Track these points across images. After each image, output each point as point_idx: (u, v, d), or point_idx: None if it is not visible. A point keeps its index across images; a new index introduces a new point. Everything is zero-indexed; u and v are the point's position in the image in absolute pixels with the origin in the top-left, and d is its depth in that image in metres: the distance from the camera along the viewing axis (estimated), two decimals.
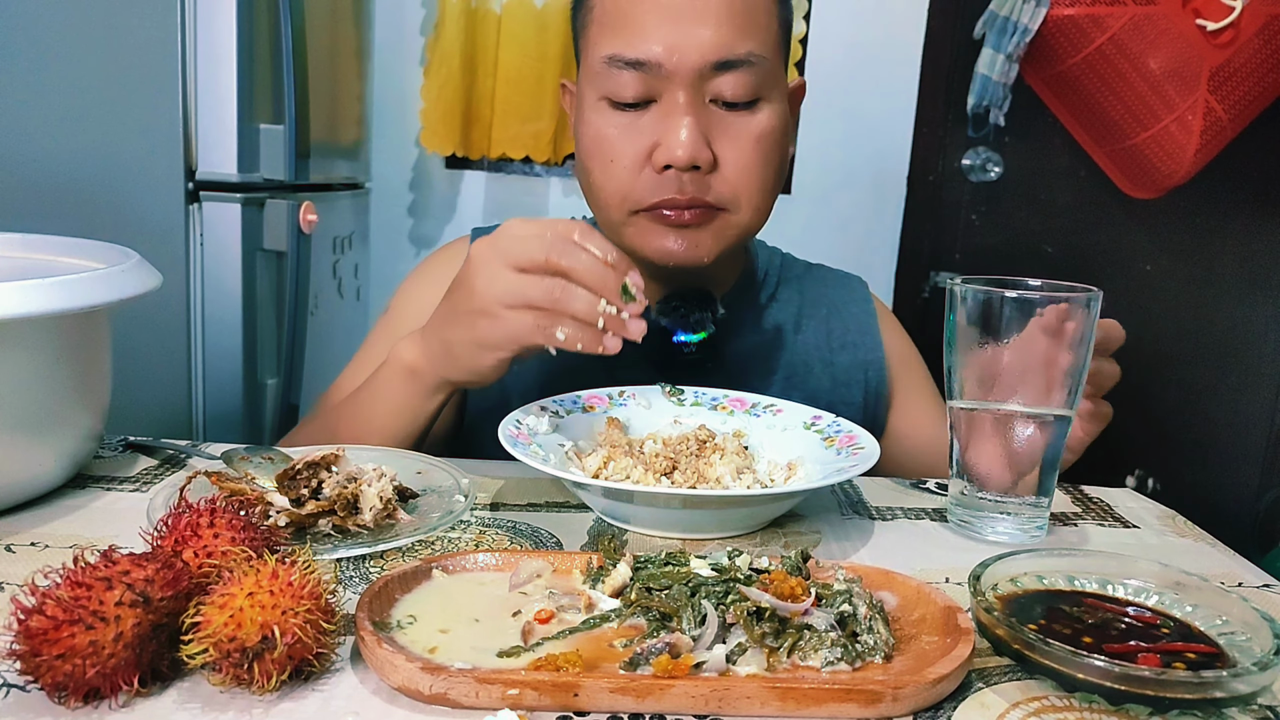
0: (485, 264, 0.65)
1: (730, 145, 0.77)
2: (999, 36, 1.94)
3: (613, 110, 0.78)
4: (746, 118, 0.78)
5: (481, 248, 0.65)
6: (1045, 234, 2.29)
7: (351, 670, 0.43)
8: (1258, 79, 1.91)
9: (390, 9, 2.24)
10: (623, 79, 0.76)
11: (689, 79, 0.75)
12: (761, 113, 0.78)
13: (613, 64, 0.76)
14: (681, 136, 0.74)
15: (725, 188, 0.78)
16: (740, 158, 0.77)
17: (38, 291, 0.54)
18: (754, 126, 0.78)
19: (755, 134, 0.78)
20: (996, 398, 0.62)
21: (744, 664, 0.43)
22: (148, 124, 1.39)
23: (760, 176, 0.79)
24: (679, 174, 0.76)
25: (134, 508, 0.60)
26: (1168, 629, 0.47)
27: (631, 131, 0.77)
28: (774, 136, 0.79)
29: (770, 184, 0.80)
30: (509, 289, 0.63)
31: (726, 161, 0.77)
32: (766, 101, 0.78)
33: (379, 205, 2.21)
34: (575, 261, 0.62)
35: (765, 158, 0.79)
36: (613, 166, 0.78)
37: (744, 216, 0.80)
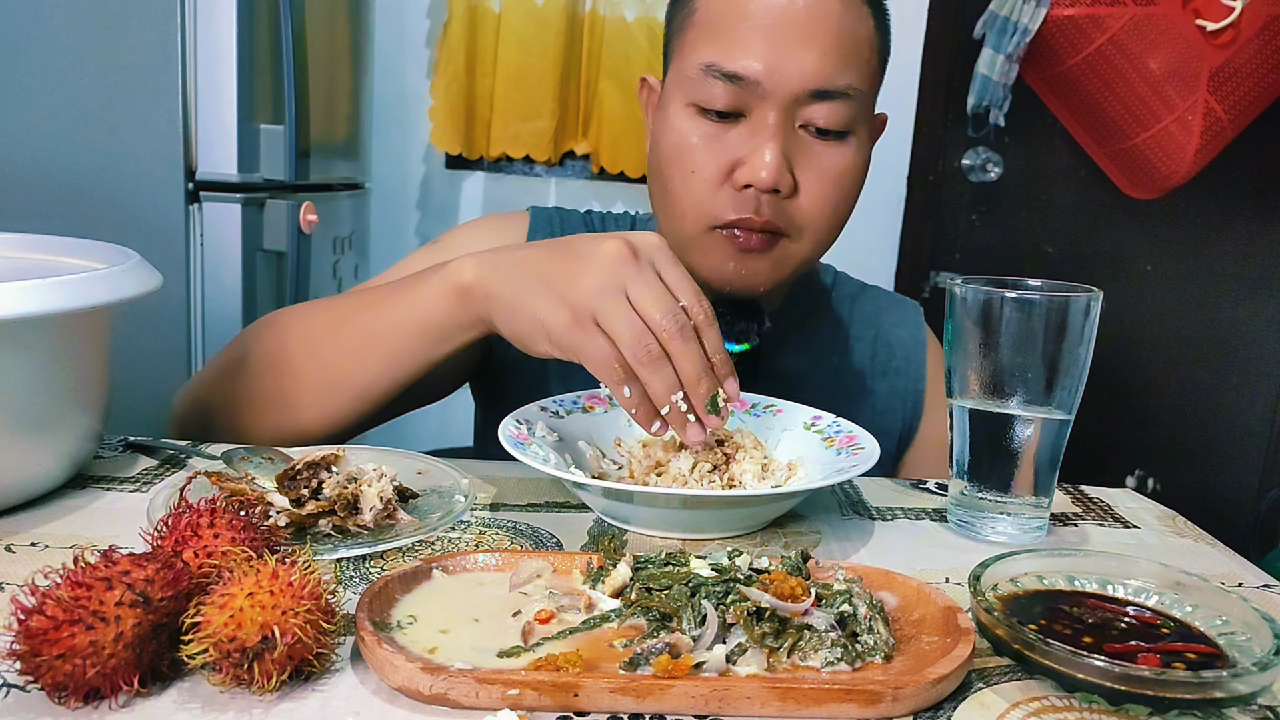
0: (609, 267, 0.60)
1: (812, 174, 0.76)
2: (999, 37, 1.94)
3: (700, 118, 0.77)
4: (833, 149, 0.77)
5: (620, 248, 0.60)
6: (1045, 234, 2.29)
7: (351, 670, 0.43)
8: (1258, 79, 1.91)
9: (391, 9, 2.24)
10: (716, 89, 0.75)
11: (784, 101, 0.74)
12: (849, 146, 0.77)
13: (709, 73, 0.75)
14: (766, 158, 0.73)
15: (798, 215, 0.77)
16: (819, 189, 0.77)
17: (38, 291, 0.54)
18: (839, 159, 0.77)
19: (839, 167, 0.77)
20: (996, 398, 0.62)
21: (744, 664, 0.43)
22: (148, 124, 1.39)
23: (833, 210, 0.78)
24: (758, 194, 0.75)
25: (134, 508, 0.60)
26: (1168, 629, 0.47)
27: (716, 144, 0.76)
28: (855, 173, 0.78)
29: (840, 220, 0.80)
30: (612, 311, 0.59)
31: (805, 190, 0.76)
32: (855, 136, 0.78)
33: (379, 205, 2.21)
34: (684, 352, 0.59)
35: (843, 193, 0.78)
36: (693, 178, 0.77)
37: (805, 247, 0.79)
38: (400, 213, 2.37)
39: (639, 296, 0.59)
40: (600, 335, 0.59)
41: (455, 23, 2.20)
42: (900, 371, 0.93)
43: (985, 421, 0.63)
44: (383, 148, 2.23)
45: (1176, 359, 2.29)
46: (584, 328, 0.60)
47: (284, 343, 0.74)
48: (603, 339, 0.59)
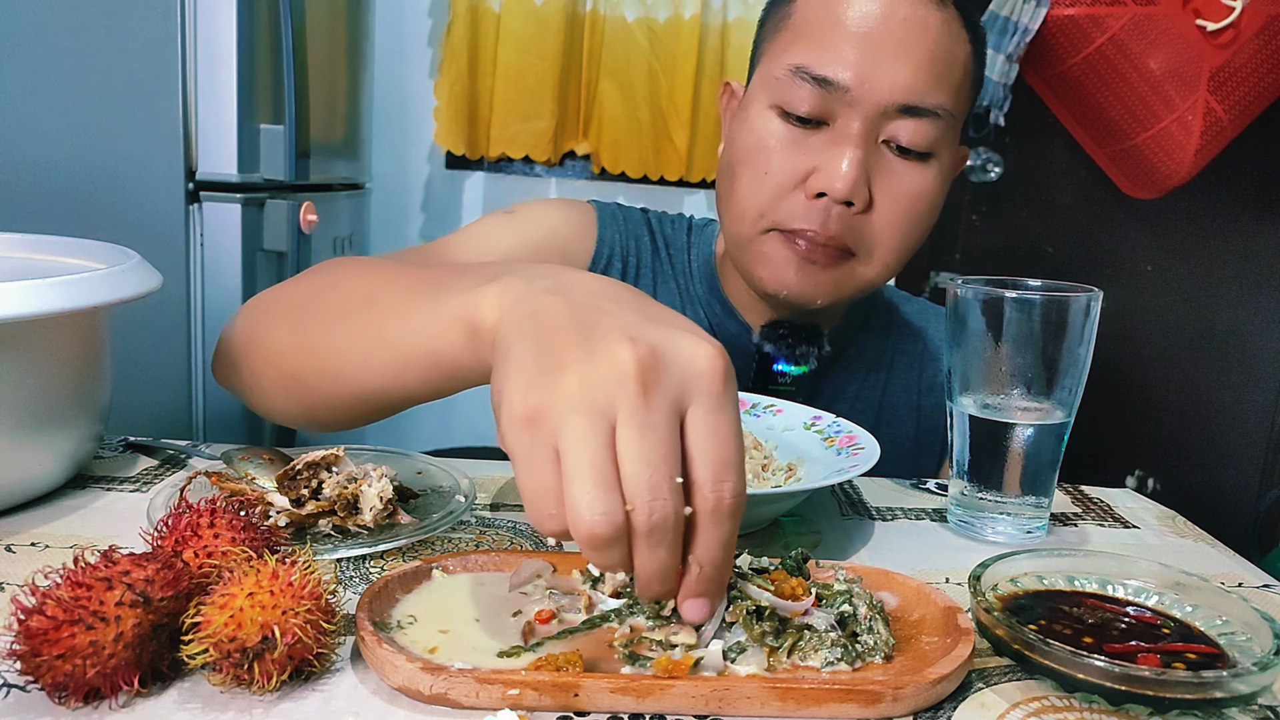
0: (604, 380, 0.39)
1: (888, 192, 0.74)
2: (999, 37, 1.94)
3: (781, 121, 0.75)
4: (914, 169, 0.74)
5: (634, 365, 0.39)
6: (1045, 234, 2.29)
7: (352, 670, 0.43)
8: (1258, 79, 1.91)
9: (391, 9, 2.24)
10: (803, 92, 0.73)
11: (870, 112, 0.72)
12: (931, 168, 0.75)
13: (798, 74, 0.73)
14: (844, 168, 0.71)
15: (868, 234, 0.75)
16: (894, 208, 0.74)
17: (38, 291, 0.54)
18: (919, 180, 0.75)
19: (917, 189, 0.75)
20: (996, 398, 0.62)
21: (743, 663, 0.43)
22: (148, 124, 1.39)
23: (905, 233, 0.76)
24: (829, 205, 0.73)
25: (134, 508, 0.60)
26: (1168, 629, 0.47)
27: (794, 148, 0.74)
28: (932, 197, 0.76)
29: (911, 244, 0.77)
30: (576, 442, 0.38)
31: (879, 208, 0.74)
32: (937, 159, 0.75)
33: (379, 205, 2.21)
34: (641, 553, 0.39)
35: (918, 216, 0.76)
36: (765, 179, 0.75)
37: (872, 270, 0.76)
38: (400, 213, 2.37)
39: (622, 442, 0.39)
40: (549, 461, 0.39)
41: (458, 22, 2.20)
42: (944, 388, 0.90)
43: (985, 422, 0.63)
44: (383, 148, 2.23)
45: (1176, 359, 2.29)
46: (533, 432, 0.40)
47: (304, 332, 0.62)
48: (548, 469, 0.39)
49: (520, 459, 0.40)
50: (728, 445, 0.40)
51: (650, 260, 0.88)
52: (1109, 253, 2.27)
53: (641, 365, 0.40)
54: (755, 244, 0.77)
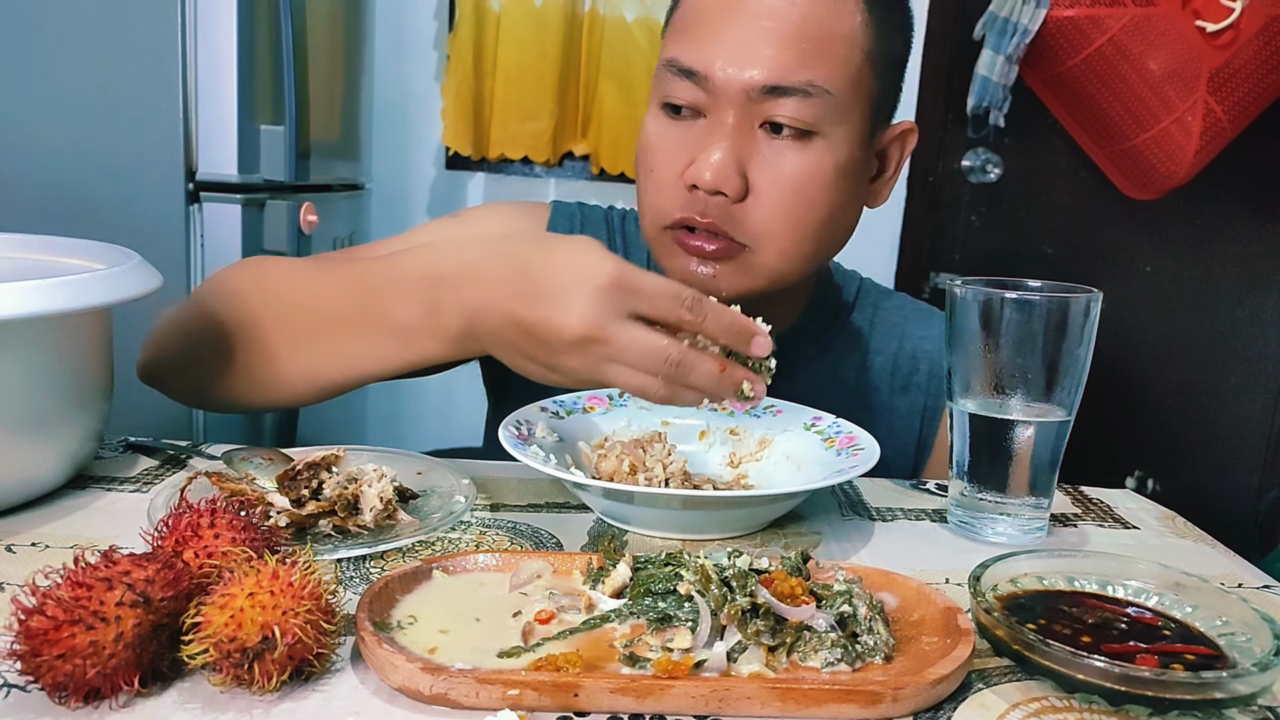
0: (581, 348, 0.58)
1: (768, 178, 0.71)
2: (999, 38, 1.94)
3: (666, 118, 0.75)
4: (795, 150, 0.71)
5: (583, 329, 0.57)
6: (1045, 235, 2.29)
7: (352, 670, 0.43)
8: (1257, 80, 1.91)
9: (391, 9, 2.24)
10: (678, 86, 0.72)
11: (737, 99, 0.70)
12: (814, 148, 0.71)
13: (669, 68, 0.73)
14: (712, 158, 0.70)
15: (751, 222, 0.72)
16: (775, 193, 0.71)
17: (38, 291, 0.54)
18: (800, 162, 0.71)
19: (800, 171, 0.71)
20: (996, 398, 0.62)
21: (745, 662, 0.43)
22: (148, 124, 1.39)
23: (794, 217, 0.72)
24: (705, 197, 0.71)
25: (134, 508, 0.60)
26: (1168, 630, 0.47)
27: (675, 144, 0.73)
28: (823, 177, 0.72)
29: (810, 228, 0.73)
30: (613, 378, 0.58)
31: (759, 194, 0.71)
32: (823, 137, 0.72)
33: (379, 206, 2.22)
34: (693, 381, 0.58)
35: (806, 200, 0.72)
36: (652, 176, 0.75)
37: (769, 259, 0.73)
38: (400, 213, 2.37)
39: (625, 361, 0.57)
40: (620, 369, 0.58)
41: (463, 24, 2.20)
42: (922, 387, 0.89)
43: (985, 422, 0.63)
44: (382, 148, 2.23)
45: (1176, 359, 2.29)
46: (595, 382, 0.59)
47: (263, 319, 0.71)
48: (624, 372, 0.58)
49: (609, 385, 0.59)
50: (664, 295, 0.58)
51: None
52: (1108, 253, 2.27)
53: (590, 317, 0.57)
54: (658, 244, 0.77)
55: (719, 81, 0.70)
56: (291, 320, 0.71)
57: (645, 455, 0.67)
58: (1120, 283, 2.26)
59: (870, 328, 0.91)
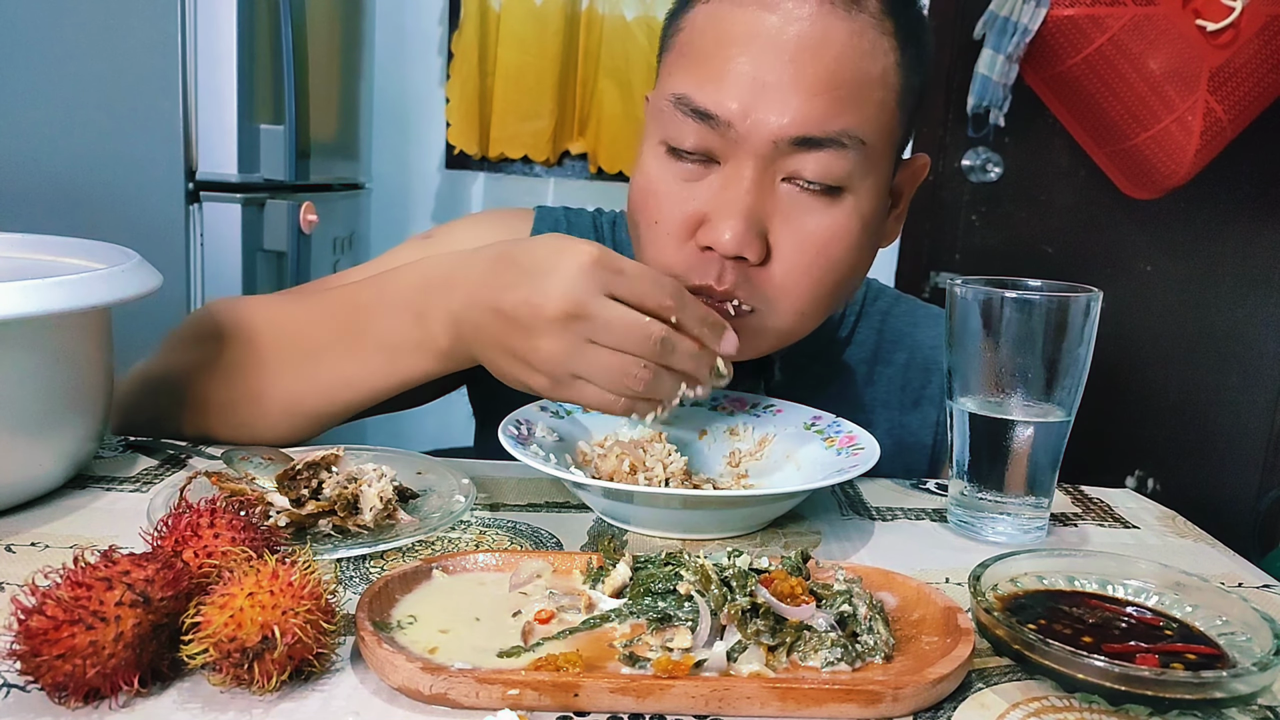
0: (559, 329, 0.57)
1: (791, 239, 0.65)
2: (999, 37, 1.94)
3: (670, 159, 0.67)
4: (822, 208, 0.65)
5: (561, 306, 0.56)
6: (1045, 234, 2.29)
7: (352, 670, 0.43)
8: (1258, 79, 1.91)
9: (391, 9, 2.24)
10: (686, 127, 0.64)
11: (761, 149, 0.63)
12: (843, 205, 0.65)
13: (679, 106, 0.64)
14: (731, 219, 0.62)
15: (769, 287, 0.66)
16: (797, 257, 0.65)
17: (38, 291, 0.54)
18: (828, 221, 0.65)
19: (826, 232, 0.65)
20: (996, 398, 0.62)
21: (745, 662, 0.43)
22: (148, 124, 1.39)
23: (816, 281, 0.66)
24: (721, 260, 0.64)
25: (134, 508, 0.60)
26: (1168, 630, 0.47)
27: (683, 194, 0.66)
28: (849, 237, 0.66)
29: (828, 290, 0.67)
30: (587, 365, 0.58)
31: (780, 256, 0.65)
32: (852, 192, 0.65)
33: (379, 205, 2.22)
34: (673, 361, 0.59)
35: (829, 261, 0.66)
36: (657, 229, 0.67)
37: (781, 322, 0.68)
38: (400, 213, 2.37)
39: (605, 341, 0.58)
40: (586, 385, 0.59)
41: (468, 24, 2.20)
42: (934, 400, 0.85)
43: (985, 422, 0.63)
44: (382, 148, 2.23)
45: (1176, 359, 2.29)
46: (567, 386, 0.60)
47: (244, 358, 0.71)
48: (590, 387, 0.59)
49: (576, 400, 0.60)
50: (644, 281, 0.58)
51: None
52: (1109, 253, 2.27)
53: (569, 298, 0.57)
54: None
55: (742, 130, 0.62)
56: (273, 350, 0.70)
57: (645, 455, 0.67)
58: (1120, 282, 2.26)
59: (878, 338, 0.86)
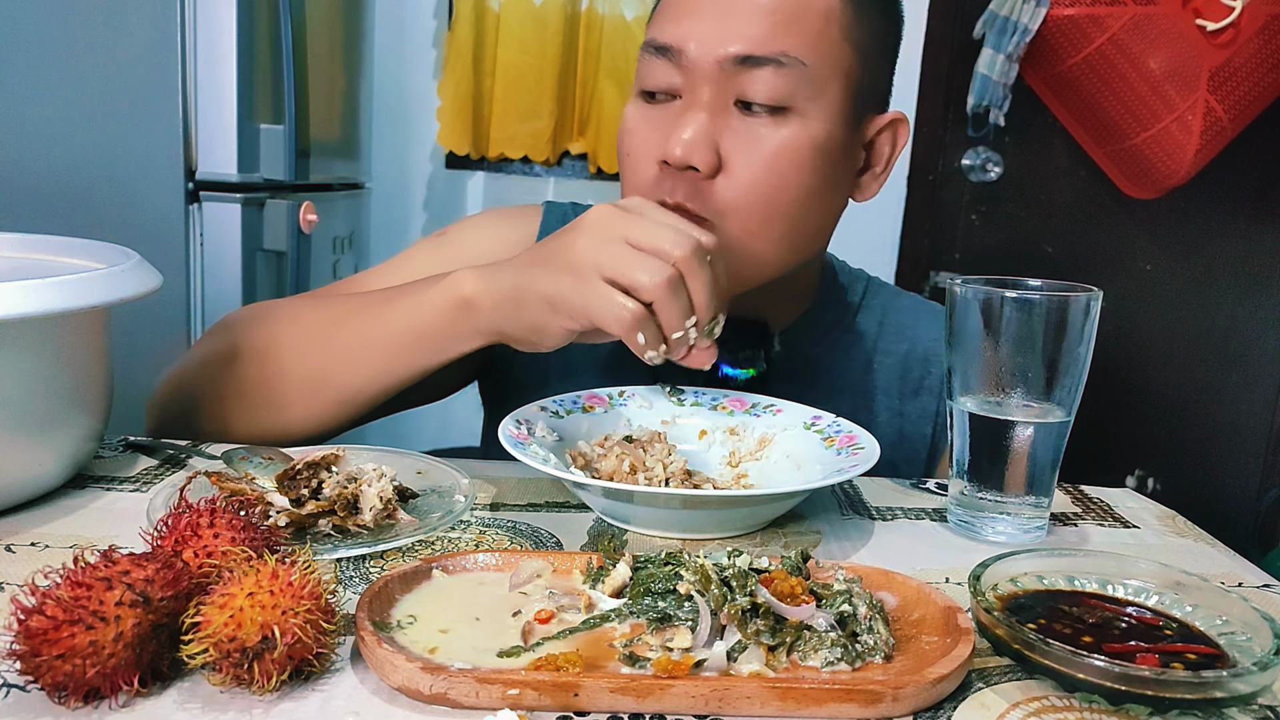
0: (600, 223, 0.62)
1: (740, 153, 0.69)
2: (999, 36, 1.94)
3: (643, 103, 0.73)
4: (769, 126, 0.69)
5: (605, 208, 0.63)
6: (1045, 234, 2.29)
7: (351, 670, 0.43)
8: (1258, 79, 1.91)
9: (391, 9, 2.24)
10: (653, 67, 0.71)
11: (711, 72, 0.69)
12: (790, 124, 0.69)
13: (646, 49, 0.72)
14: (684, 134, 0.68)
15: (719, 199, 0.70)
16: (745, 169, 0.69)
17: (38, 291, 0.54)
18: (773, 136, 0.69)
19: (773, 146, 0.69)
20: (996, 398, 0.62)
21: (745, 662, 0.43)
22: (148, 124, 1.39)
23: (763, 197, 0.69)
24: (673, 173, 0.70)
25: (134, 508, 0.60)
26: (1168, 629, 0.47)
27: (649, 127, 0.72)
28: (797, 153, 0.69)
29: (780, 207, 0.70)
30: (617, 259, 0.60)
31: (730, 171, 0.69)
32: (798, 114, 0.69)
33: (379, 205, 2.21)
34: (698, 272, 0.61)
35: (777, 175, 0.69)
36: (629, 160, 0.74)
37: (734, 239, 0.70)
38: (400, 213, 2.37)
39: (640, 235, 0.61)
40: (606, 286, 0.61)
41: (460, 23, 2.19)
42: (934, 390, 0.86)
43: (985, 421, 0.63)
44: (382, 148, 2.23)
45: (1176, 358, 2.29)
46: (588, 284, 0.61)
47: (273, 340, 0.74)
48: (608, 288, 0.60)
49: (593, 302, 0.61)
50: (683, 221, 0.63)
51: None
52: (1108, 252, 2.27)
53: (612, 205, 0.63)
54: None
55: (692, 56, 0.69)
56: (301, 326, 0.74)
57: (645, 455, 0.67)
58: (1120, 282, 2.26)
59: (879, 329, 0.88)
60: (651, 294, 0.60)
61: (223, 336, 0.77)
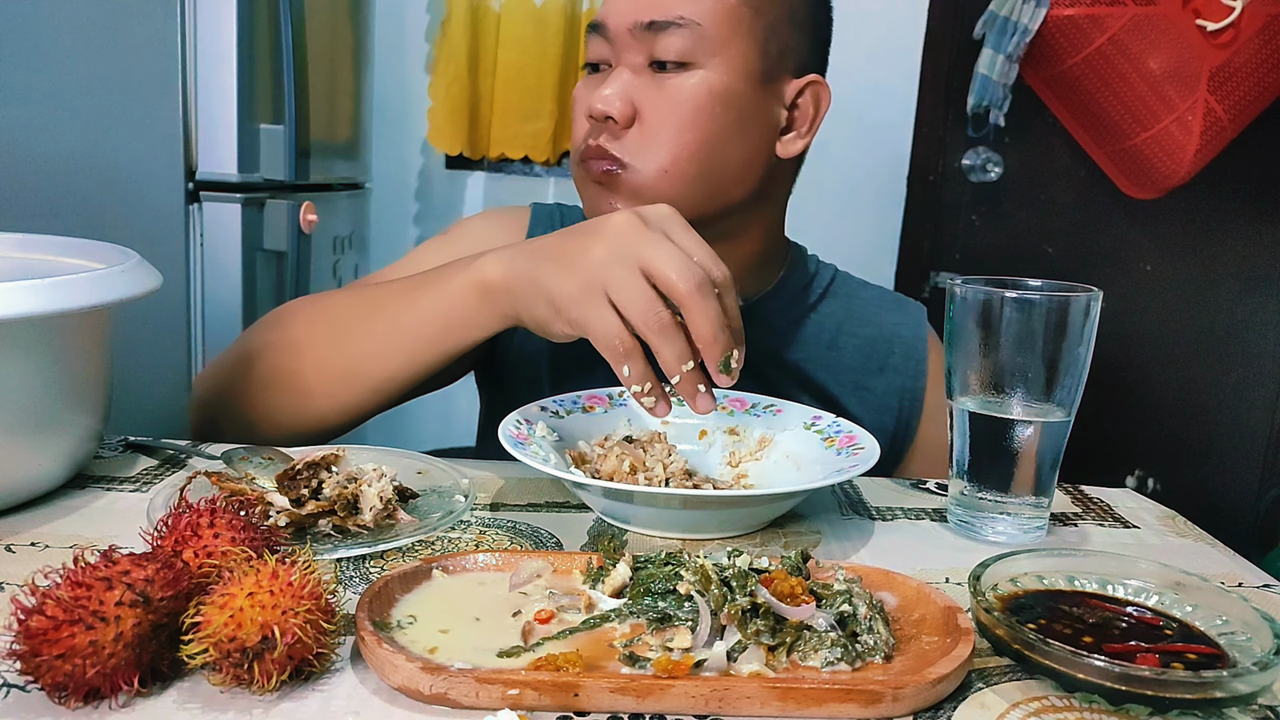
0: (619, 234, 0.62)
1: (651, 101, 0.79)
2: (999, 37, 1.94)
3: (587, 76, 0.84)
4: (675, 79, 0.79)
5: (629, 218, 0.63)
6: (1045, 234, 2.29)
7: (351, 670, 0.43)
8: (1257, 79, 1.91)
9: (391, 9, 2.24)
10: (590, 43, 0.83)
11: (626, 39, 0.79)
12: (694, 76, 0.79)
13: (587, 31, 0.84)
14: (605, 91, 0.79)
15: (635, 143, 0.79)
16: (655, 116, 0.79)
17: (37, 292, 0.54)
18: (678, 86, 0.79)
19: (680, 95, 0.79)
20: (996, 398, 0.62)
21: (745, 662, 0.43)
22: (148, 124, 1.39)
23: (673, 139, 0.79)
24: (596, 124, 0.80)
25: (134, 508, 0.60)
26: (1169, 629, 0.47)
27: (588, 90, 0.82)
28: (698, 99, 0.79)
29: (687, 148, 0.79)
30: (622, 280, 0.60)
31: (646, 118, 0.79)
32: (701, 68, 0.79)
33: (379, 205, 2.21)
34: (702, 307, 0.60)
35: (682, 120, 0.79)
36: (574, 120, 0.85)
37: (649, 178, 0.79)
38: (400, 213, 2.37)
39: (651, 259, 0.60)
40: (607, 307, 0.61)
41: (455, 22, 2.19)
42: (899, 369, 0.92)
43: (985, 421, 0.63)
44: (383, 147, 2.23)
45: (1176, 358, 2.29)
46: (591, 299, 0.61)
47: (306, 332, 0.77)
48: (608, 311, 0.61)
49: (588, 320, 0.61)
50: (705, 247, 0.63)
51: None
52: (1108, 252, 2.27)
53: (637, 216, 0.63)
54: (576, 179, 0.85)
55: (613, 27, 0.80)
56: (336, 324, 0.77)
57: (645, 455, 0.67)
58: (1120, 282, 2.26)
59: (844, 313, 0.94)
60: (645, 333, 0.60)
61: (256, 334, 0.80)
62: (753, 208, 0.85)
